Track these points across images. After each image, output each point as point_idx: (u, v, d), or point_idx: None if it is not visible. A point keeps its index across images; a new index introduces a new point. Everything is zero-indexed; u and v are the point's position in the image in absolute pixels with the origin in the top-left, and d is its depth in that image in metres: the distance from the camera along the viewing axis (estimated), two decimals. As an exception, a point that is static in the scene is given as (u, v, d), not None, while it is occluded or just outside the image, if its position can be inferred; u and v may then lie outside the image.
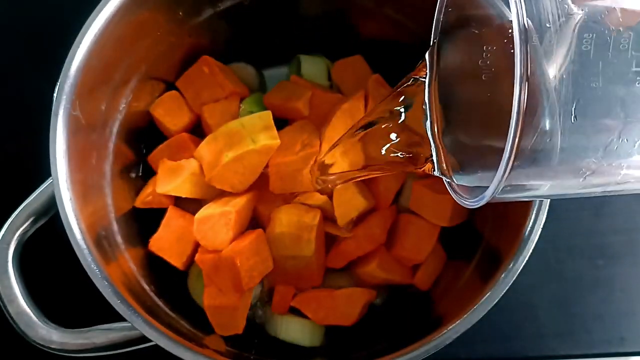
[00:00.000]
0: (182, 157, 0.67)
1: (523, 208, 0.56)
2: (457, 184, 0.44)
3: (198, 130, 0.72)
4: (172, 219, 0.66)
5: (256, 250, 0.63)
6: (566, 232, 0.74)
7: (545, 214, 0.54)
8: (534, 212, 0.55)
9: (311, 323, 0.67)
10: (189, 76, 0.72)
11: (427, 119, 0.46)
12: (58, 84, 0.56)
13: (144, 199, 0.67)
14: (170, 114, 0.71)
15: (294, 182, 0.65)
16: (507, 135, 0.33)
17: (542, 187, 0.37)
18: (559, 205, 0.74)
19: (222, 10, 0.71)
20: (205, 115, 0.69)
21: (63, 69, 0.56)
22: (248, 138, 0.63)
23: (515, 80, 0.32)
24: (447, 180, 0.45)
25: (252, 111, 0.70)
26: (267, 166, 0.65)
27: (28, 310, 0.55)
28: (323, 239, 0.66)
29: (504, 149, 0.33)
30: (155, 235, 0.66)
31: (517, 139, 0.32)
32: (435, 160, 0.46)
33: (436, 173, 0.46)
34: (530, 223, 0.54)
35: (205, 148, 0.65)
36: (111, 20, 0.57)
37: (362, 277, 0.67)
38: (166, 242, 0.66)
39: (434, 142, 0.46)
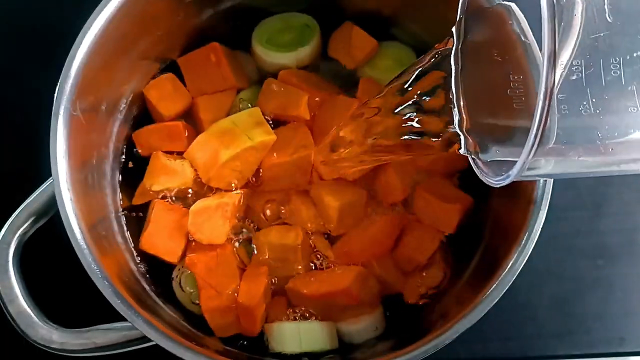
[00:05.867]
0: (173, 146, 0.66)
1: (523, 209, 0.56)
2: (482, 162, 0.44)
3: (189, 120, 0.70)
4: (161, 214, 0.64)
5: (264, 293, 0.62)
6: (566, 232, 0.74)
7: (545, 214, 0.54)
8: (534, 212, 0.55)
9: (322, 324, 0.63)
10: (193, 58, 0.69)
11: (454, 98, 0.45)
12: (58, 84, 0.56)
13: (141, 191, 0.66)
14: (165, 98, 0.68)
15: (285, 182, 0.65)
16: (532, 115, 0.33)
17: (563, 164, 0.38)
18: (559, 205, 0.74)
19: (222, 10, 0.71)
20: (199, 108, 0.68)
21: (63, 69, 0.56)
22: (243, 135, 0.63)
23: (543, 60, 0.32)
24: (473, 157, 0.45)
25: (250, 105, 0.69)
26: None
27: (28, 310, 0.55)
28: (310, 249, 0.65)
29: (529, 128, 0.34)
30: (145, 233, 0.64)
31: (543, 120, 0.33)
32: (461, 139, 0.46)
33: (462, 151, 0.46)
34: (530, 223, 0.54)
35: (197, 149, 0.64)
36: (111, 21, 0.57)
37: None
38: (157, 238, 0.64)
39: (461, 119, 0.45)
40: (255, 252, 0.65)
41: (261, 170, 0.65)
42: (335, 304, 0.63)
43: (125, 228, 0.66)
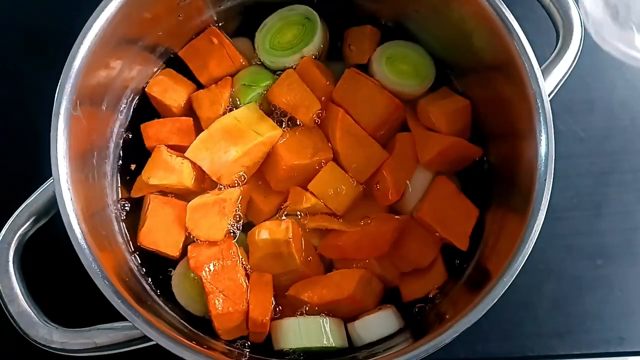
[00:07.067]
0: (182, 140, 0.66)
1: (523, 209, 0.56)
2: None
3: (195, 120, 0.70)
4: (158, 209, 0.64)
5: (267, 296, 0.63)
6: (566, 232, 0.74)
7: (545, 213, 0.54)
8: (534, 212, 0.55)
9: (325, 319, 0.63)
10: (195, 46, 0.70)
11: None
12: (58, 83, 0.56)
13: (139, 185, 0.66)
14: (168, 90, 0.68)
15: (297, 181, 0.66)
16: None
17: None
18: (559, 205, 0.74)
19: (222, 10, 0.71)
20: (194, 106, 0.68)
21: (63, 69, 0.56)
22: (250, 131, 0.63)
23: None
24: None
25: (245, 83, 0.68)
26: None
27: (29, 310, 0.55)
28: (307, 244, 0.65)
29: None
30: (143, 229, 0.64)
31: None
32: None
33: None
34: (530, 223, 0.54)
35: (202, 147, 0.63)
36: (112, 21, 0.57)
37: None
38: (156, 233, 0.63)
39: None
40: (249, 250, 0.65)
41: (280, 170, 0.65)
42: (339, 308, 0.64)
43: (125, 227, 0.66)
